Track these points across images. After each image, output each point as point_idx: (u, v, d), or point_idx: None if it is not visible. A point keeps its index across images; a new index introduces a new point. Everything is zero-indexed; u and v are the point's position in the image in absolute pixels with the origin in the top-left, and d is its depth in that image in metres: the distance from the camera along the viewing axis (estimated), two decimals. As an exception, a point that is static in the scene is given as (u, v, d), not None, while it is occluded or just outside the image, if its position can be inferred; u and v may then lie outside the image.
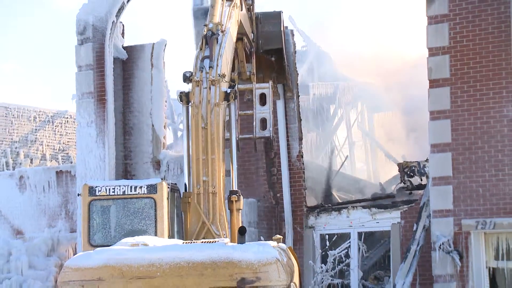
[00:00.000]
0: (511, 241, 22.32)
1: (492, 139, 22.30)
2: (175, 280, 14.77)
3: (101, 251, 15.75)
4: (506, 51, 22.25)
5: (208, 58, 18.03)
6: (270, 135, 21.11)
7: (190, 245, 16.03)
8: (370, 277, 25.80)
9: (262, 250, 15.31)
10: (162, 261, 14.96)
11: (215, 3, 19.29)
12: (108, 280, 14.92)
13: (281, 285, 14.90)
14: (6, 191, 29.10)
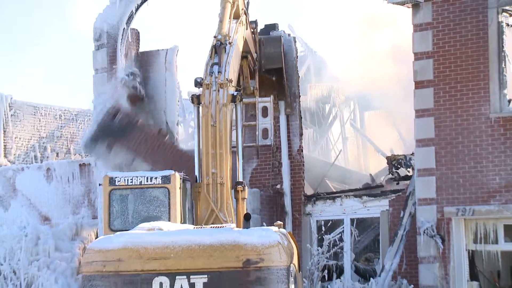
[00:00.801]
0: (488, 227, 22.30)
1: (471, 134, 22.27)
2: (187, 261, 14.78)
3: (121, 235, 15.77)
4: (483, 55, 22.23)
5: (217, 64, 18.18)
6: (271, 144, 21.27)
7: (200, 230, 16.07)
8: (362, 259, 25.81)
9: (265, 234, 15.32)
10: (176, 244, 14.97)
11: (224, 18, 19.43)
12: (127, 261, 14.94)
13: (282, 266, 14.91)
14: (34, 182, 29.10)
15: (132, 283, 14.87)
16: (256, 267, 14.73)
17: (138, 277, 14.87)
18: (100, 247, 15.37)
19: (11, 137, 35.59)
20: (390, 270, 22.68)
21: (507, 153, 21.89)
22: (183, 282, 14.73)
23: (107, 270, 15.01)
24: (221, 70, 18.11)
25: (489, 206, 21.98)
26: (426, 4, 22.90)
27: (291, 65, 25.41)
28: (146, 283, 14.80)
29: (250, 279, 14.72)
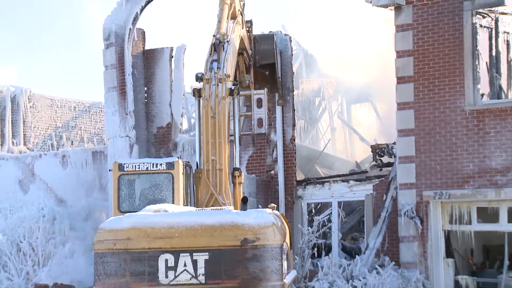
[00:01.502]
0: (462, 209, 22.31)
1: (447, 125, 22.29)
2: (190, 240, 14.82)
3: (129, 216, 15.84)
4: (459, 54, 22.23)
5: (216, 61, 18.20)
6: (265, 132, 21.29)
7: (202, 212, 16.10)
8: (348, 238, 25.82)
9: (261, 216, 15.38)
10: (180, 224, 15.02)
11: (222, 18, 19.44)
12: (135, 240, 14.98)
13: (276, 244, 14.98)
14: (51, 167, 29.11)
15: (140, 259, 14.91)
16: (252, 245, 14.79)
17: (146, 254, 14.91)
18: (111, 227, 15.42)
19: (30, 127, 35.59)
20: (374, 248, 22.71)
21: (480, 143, 21.91)
22: (186, 259, 14.77)
23: (117, 248, 15.05)
24: (220, 66, 18.14)
25: (463, 190, 22.01)
26: (407, 7, 22.89)
27: (286, 62, 25.43)
28: (153, 260, 14.84)
29: (247, 256, 14.77)
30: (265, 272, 14.87)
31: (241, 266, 14.76)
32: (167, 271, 14.82)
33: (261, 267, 14.83)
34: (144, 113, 27.20)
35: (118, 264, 15.05)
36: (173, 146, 26.98)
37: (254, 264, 14.80)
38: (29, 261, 24.09)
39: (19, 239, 24.42)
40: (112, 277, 15.07)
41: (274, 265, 14.98)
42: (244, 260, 14.77)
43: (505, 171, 21.60)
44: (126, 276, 14.96)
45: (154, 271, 14.84)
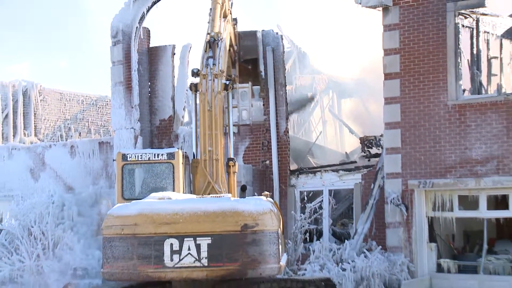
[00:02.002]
0: (444, 197, 22.35)
1: (431, 119, 22.30)
2: (193, 225, 14.81)
3: (136, 203, 15.80)
4: (442, 52, 22.23)
5: (211, 58, 18.19)
6: (249, 123, 21.22)
7: (204, 199, 16.10)
8: (338, 224, 25.85)
9: (260, 203, 15.41)
10: (184, 211, 15.00)
11: (215, 17, 19.43)
12: (142, 225, 14.95)
13: (273, 229, 15.02)
14: (60, 157, 29.12)
15: (146, 244, 14.89)
16: (252, 230, 14.80)
17: (152, 239, 14.88)
18: (118, 213, 15.39)
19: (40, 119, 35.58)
20: (362, 234, 22.74)
21: (462, 135, 21.93)
22: (190, 243, 14.75)
23: (125, 233, 15.02)
24: (216, 62, 18.12)
25: (446, 180, 22.04)
26: (394, 7, 22.88)
27: (279, 59, 25.40)
28: (159, 244, 14.81)
29: (247, 240, 14.77)
30: (264, 255, 14.88)
31: (241, 250, 14.75)
32: (172, 254, 14.79)
33: (260, 251, 14.84)
34: (148, 107, 27.21)
35: (126, 248, 15.01)
36: (175, 137, 26.99)
37: (253, 248, 14.81)
38: (39, 245, 24.09)
39: (30, 224, 24.42)
40: (120, 260, 15.03)
41: (272, 249, 15.00)
42: (244, 244, 14.76)
43: (485, 161, 21.62)
44: (133, 259, 14.93)
45: (160, 255, 14.80)
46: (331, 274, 20.89)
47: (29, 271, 23.64)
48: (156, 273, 14.88)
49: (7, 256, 24.01)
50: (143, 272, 14.90)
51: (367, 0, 23.08)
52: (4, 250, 24.03)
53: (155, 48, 27.57)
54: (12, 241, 24.25)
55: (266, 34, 25.41)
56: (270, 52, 25.15)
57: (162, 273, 14.85)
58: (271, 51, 25.16)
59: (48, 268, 23.68)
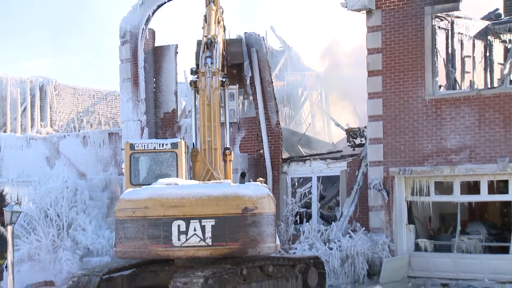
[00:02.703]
0: (422, 183, 22.40)
1: (410, 112, 22.32)
2: (198, 208, 14.85)
3: (146, 188, 15.85)
4: (420, 51, 22.25)
5: (209, 57, 18.17)
6: (237, 121, 21.36)
7: (208, 185, 16.11)
8: (325, 207, 25.88)
9: (258, 188, 15.49)
10: (190, 195, 15.04)
11: (211, 22, 19.45)
12: (152, 208, 14.98)
13: (271, 212, 15.16)
14: (73, 146, 29.11)
15: (156, 225, 14.91)
16: (251, 213, 14.85)
17: (161, 221, 14.90)
18: (130, 198, 15.42)
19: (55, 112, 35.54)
20: (347, 216, 22.78)
21: (438, 127, 21.97)
22: (196, 225, 14.78)
23: (136, 215, 15.04)
24: (213, 61, 18.11)
25: (423, 167, 22.08)
26: (377, 11, 22.87)
27: (263, 59, 25.32)
28: (167, 226, 14.85)
29: (247, 222, 14.83)
30: (262, 235, 14.95)
31: (242, 231, 14.79)
32: (179, 235, 14.81)
33: (258, 232, 14.90)
34: (153, 101, 27.20)
35: (137, 229, 15.02)
36: (177, 128, 26.97)
37: (253, 229, 14.86)
38: (55, 226, 24.11)
39: (46, 207, 24.42)
40: (132, 240, 15.04)
41: (270, 230, 15.08)
42: (244, 226, 14.81)
43: (458, 151, 21.66)
44: (144, 239, 14.94)
45: (168, 235, 14.82)
46: (319, 253, 20.95)
47: (45, 249, 23.67)
48: (165, 252, 14.92)
49: (25, 235, 24.04)
50: (153, 251, 14.93)
51: (352, 4, 23.07)
52: (23, 230, 24.06)
53: (160, 47, 27.54)
54: (30, 222, 24.28)
55: (249, 37, 25.38)
56: (254, 53, 25.13)
57: (170, 252, 14.90)
58: (255, 52, 25.15)
59: (62, 247, 23.71)
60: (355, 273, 21.11)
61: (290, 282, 17.02)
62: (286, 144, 27.04)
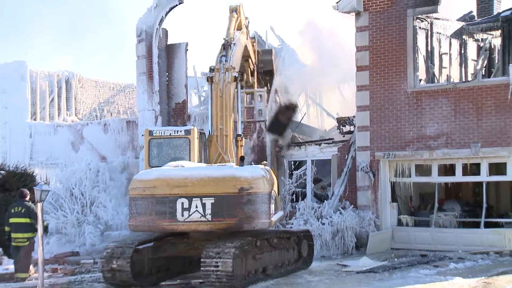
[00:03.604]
0: (404, 166, 22.41)
1: (394, 103, 22.32)
2: (200, 188, 14.91)
3: (155, 170, 16.07)
4: (403, 49, 22.23)
5: (224, 56, 18.32)
6: (264, 120, 21.40)
7: (209, 167, 16.18)
8: (319, 187, 25.90)
9: (254, 170, 15.49)
10: (193, 176, 15.10)
11: (230, 26, 19.63)
12: (159, 187, 15.06)
13: (265, 192, 15.13)
14: (95, 133, 29.19)
15: (162, 202, 14.98)
16: (247, 192, 14.87)
17: (167, 198, 14.97)
18: (141, 178, 15.53)
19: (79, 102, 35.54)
20: (338, 195, 22.80)
21: (418, 116, 21.97)
22: (197, 202, 14.84)
23: (146, 194, 15.14)
24: (227, 60, 18.23)
25: (405, 152, 22.10)
26: (364, 13, 22.83)
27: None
28: (172, 203, 14.93)
29: (243, 201, 14.86)
30: (257, 212, 14.97)
31: (239, 208, 14.83)
32: (183, 211, 14.88)
33: (253, 209, 14.92)
34: (165, 92, 27.19)
35: (146, 206, 15.12)
36: (187, 117, 26.98)
37: (248, 207, 14.88)
38: (79, 203, 24.18)
39: (72, 186, 24.49)
40: (142, 215, 15.16)
41: (264, 207, 15.08)
42: (241, 204, 14.84)
43: (436, 137, 21.68)
44: (152, 214, 15.03)
45: (173, 211, 14.91)
46: (312, 228, 21.00)
47: (70, 223, 23.75)
48: (170, 226, 15.03)
49: (53, 212, 24.11)
50: (159, 225, 15.05)
51: (343, 7, 23.05)
52: (51, 207, 24.13)
53: (172, 45, 27.50)
54: (57, 200, 24.34)
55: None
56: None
57: (175, 226, 15.00)
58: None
59: (86, 222, 23.78)
60: (345, 246, 21.16)
61: (289, 252, 17.16)
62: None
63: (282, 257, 16.73)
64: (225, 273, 14.19)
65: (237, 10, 20.29)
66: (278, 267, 16.59)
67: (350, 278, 16.55)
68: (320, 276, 16.88)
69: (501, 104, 20.84)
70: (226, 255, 14.26)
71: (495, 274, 16.54)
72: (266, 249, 16.09)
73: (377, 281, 15.84)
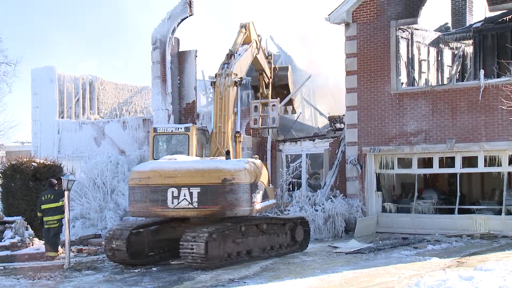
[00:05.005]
0: (388, 159, 22.42)
1: (379, 103, 22.32)
2: (188, 178, 14.98)
3: (150, 162, 16.31)
4: (387, 56, 22.23)
5: (227, 64, 18.36)
6: (276, 126, 21.59)
7: (197, 160, 16.25)
8: (312, 177, 25.91)
9: (237, 163, 15.56)
10: (182, 168, 15.21)
11: (237, 40, 19.79)
12: (152, 177, 15.21)
13: (247, 182, 15.17)
14: (115, 129, 29.13)
15: (155, 191, 15.08)
16: (230, 183, 14.90)
17: (159, 188, 15.08)
18: (138, 170, 15.72)
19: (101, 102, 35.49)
20: (329, 185, 22.83)
21: (400, 115, 21.97)
22: (185, 192, 14.89)
23: (142, 183, 15.29)
24: (229, 67, 18.21)
25: (389, 147, 22.10)
26: (353, 24, 22.81)
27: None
28: (164, 192, 15.02)
29: (226, 190, 14.89)
30: (239, 201, 14.99)
31: (222, 197, 14.86)
32: (173, 199, 14.97)
33: (235, 198, 14.95)
34: (177, 94, 27.17)
35: (142, 194, 15.24)
36: (196, 116, 26.97)
37: (231, 196, 14.92)
38: (101, 191, 24.18)
39: (95, 176, 24.49)
40: (138, 202, 15.35)
41: (245, 196, 15.09)
42: (224, 193, 14.87)
43: (416, 134, 21.68)
44: (147, 202, 15.19)
45: (165, 199, 15.01)
46: (307, 214, 21.01)
47: (93, 209, 23.76)
48: (162, 212, 15.15)
49: (78, 199, 24.12)
50: (153, 211, 15.19)
51: (334, 18, 23.03)
52: (76, 195, 24.13)
53: (183, 52, 27.47)
54: (82, 188, 24.35)
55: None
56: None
57: (166, 212, 15.11)
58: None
59: (107, 208, 23.79)
60: (335, 229, 21.18)
61: (280, 237, 17.07)
62: (282, 129, 27.02)
63: (271, 241, 16.65)
64: (199, 255, 14.39)
65: (246, 26, 20.28)
66: (268, 251, 16.51)
67: (340, 258, 16.57)
68: (313, 256, 16.89)
69: (473, 105, 20.84)
70: (200, 239, 14.42)
71: (467, 254, 16.56)
72: (252, 234, 16.04)
73: (364, 261, 15.86)
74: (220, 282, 13.31)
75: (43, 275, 14.78)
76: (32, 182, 21.09)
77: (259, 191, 15.80)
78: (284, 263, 15.81)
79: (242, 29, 20.09)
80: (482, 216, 20.73)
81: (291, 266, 15.26)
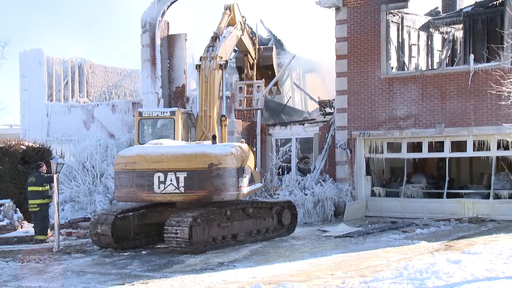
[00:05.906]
0: (377, 143, 22.48)
1: (369, 88, 22.31)
2: (174, 164, 14.87)
3: (136, 147, 16.14)
4: (377, 40, 22.19)
5: (212, 47, 18.08)
6: (261, 108, 21.32)
7: (184, 145, 16.13)
8: (302, 162, 25.94)
9: (223, 147, 15.44)
10: (168, 153, 15.08)
11: (222, 22, 19.29)
12: (139, 163, 15.08)
13: (233, 167, 15.07)
14: (104, 113, 29.03)
15: (142, 176, 14.98)
16: (216, 167, 14.83)
17: (145, 173, 14.96)
18: (124, 154, 15.57)
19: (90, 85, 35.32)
20: (319, 169, 22.86)
21: (390, 99, 21.99)
22: (172, 176, 14.80)
23: (128, 168, 15.17)
24: (214, 49, 17.98)
25: (378, 131, 22.14)
26: (343, 8, 22.73)
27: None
28: (150, 177, 14.92)
29: (213, 175, 14.81)
30: (225, 185, 14.92)
31: (208, 181, 14.78)
32: (159, 184, 14.87)
33: (222, 182, 14.87)
34: (167, 77, 27.07)
35: (128, 179, 15.13)
36: (186, 99, 26.89)
37: (217, 180, 14.83)
38: (90, 175, 24.10)
39: (84, 160, 24.40)
40: (124, 187, 15.23)
41: (232, 181, 15.02)
42: (210, 178, 14.79)
43: (406, 118, 21.71)
44: (133, 187, 15.07)
45: (151, 184, 14.91)
46: (296, 198, 21.04)
47: (82, 193, 23.69)
48: (148, 197, 15.04)
49: (67, 182, 24.04)
50: (139, 196, 15.09)
51: (324, 2, 22.94)
52: (66, 178, 24.05)
53: (172, 35, 27.35)
54: (71, 172, 24.26)
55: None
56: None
57: (152, 197, 15.00)
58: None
59: (96, 191, 23.73)
60: (325, 213, 21.24)
61: (267, 221, 17.06)
62: (272, 113, 26.99)
63: (258, 225, 16.64)
64: (183, 240, 14.37)
65: (231, 8, 20.01)
66: (254, 234, 16.52)
67: (329, 241, 16.62)
68: (302, 240, 16.94)
69: (462, 90, 20.88)
70: (184, 224, 14.39)
71: (455, 238, 16.66)
72: (238, 218, 16.03)
73: (353, 245, 15.92)
74: (209, 266, 13.33)
75: (32, 258, 14.74)
76: (20, 165, 21.01)
77: (246, 175, 15.77)
78: (273, 246, 15.84)
79: (227, 11, 19.84)
80: (470, 200, 20.85)
81: (280, 250, 15.29)
